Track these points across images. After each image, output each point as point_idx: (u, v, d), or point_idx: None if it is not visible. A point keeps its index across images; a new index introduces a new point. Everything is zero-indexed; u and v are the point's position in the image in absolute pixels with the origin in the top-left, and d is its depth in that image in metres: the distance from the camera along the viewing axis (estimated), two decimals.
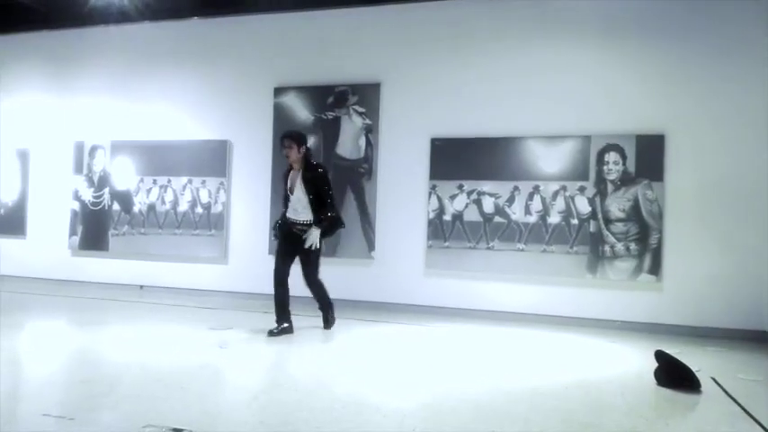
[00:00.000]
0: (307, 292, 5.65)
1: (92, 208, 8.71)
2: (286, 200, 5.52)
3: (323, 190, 5.38)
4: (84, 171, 8.79)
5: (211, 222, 8.11)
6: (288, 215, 5.46)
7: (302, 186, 5.36)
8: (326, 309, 5.75)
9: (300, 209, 5.39)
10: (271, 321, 5.46)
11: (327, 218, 5.38)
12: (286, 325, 5.38)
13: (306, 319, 6.03)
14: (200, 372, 3.99)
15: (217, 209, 8.09)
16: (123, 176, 8.58)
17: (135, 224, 8.48)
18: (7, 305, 6.68)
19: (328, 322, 5.77)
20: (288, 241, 5.44)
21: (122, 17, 8.42)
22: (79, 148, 8.84)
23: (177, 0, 8.20)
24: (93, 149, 8.77)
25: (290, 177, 5.50)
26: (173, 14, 8.40)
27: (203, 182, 8.14)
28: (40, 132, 9.15)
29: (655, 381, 4.09)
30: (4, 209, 9.28)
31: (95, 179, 8.74)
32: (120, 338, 5.19)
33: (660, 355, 4.20)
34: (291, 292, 5.47)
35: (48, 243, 8.95)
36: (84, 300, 7.36)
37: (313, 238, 5.34)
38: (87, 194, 8.76)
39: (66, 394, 3.43)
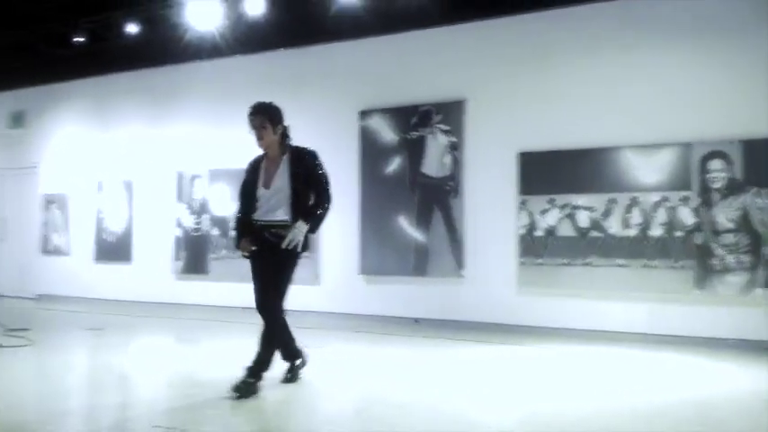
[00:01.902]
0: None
1: (193, 234, 9.15)
2: (251, 198, 4.06)
3: (317, 178, 4.07)
4: (186, 199, 9.26)
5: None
6: (256, 217, 4.01)
7: (287, 177, 4.00)
8: (256, 362, 3.86)
9: (277, 206, 3.97)
10: (361, 340, 5.47)
11: (323, 209, 4.07)
12: (298, 362, 4.15)
13: (392, 339, 6.01)
14: (300, 387, 4.04)
15: None
16: (221, 203, 8.96)
17: (232, 248, 8.79)
18: (116, 327, 7.08)
19: (239, 387, 3.68)
20: (264, 256, 3.99)
21: (215, 52, 8.86)
22: (180, 177, 9.33)
23: (265, 33, 8.54)
24: (193, 178, 9.23)
25: (263, 167, 4.09)
26: (261, 47, 8.76)
27: None
28: (143, 164, 9.74)
29: None
30: (113, 237, 9.90)
31: (196, 206, 9.17)
32: (221, 356, 5.37)
33: None
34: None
35: (152, 268, 9.45)
36: (188, 321, 7.70)
37: (297, 235, 3.88)
38: (189, 221, 9.20)
39: (174, 407, 3.57)
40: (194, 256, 9.09)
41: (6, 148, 11.14)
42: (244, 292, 8.52)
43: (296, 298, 8.16)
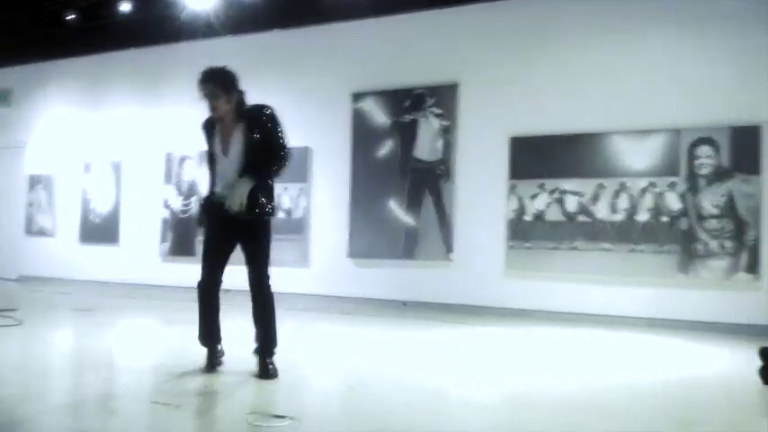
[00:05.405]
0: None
1: (180, 216, 9.11)
2: (214, 166, 3.69)
3: (275, 142, 3.60)
4: (174, 181, 9.21)
5: (293, 227, 8.30)
6: (217, 190, 3.64)
7: (241, 148, 3.57)
8: (267, 342, 3.65)
9: (233, 177, 3.55)
10: (349, 322, 5.51)
11: (271, 166, 3.61)
12: (220, 347, 3.92)
13: (380, 320, 6.05)
14: (293, 365, 4.07)
15: (298, 214, 8.28)
16: None
17: None
18: (104, 308, 7.06)
19: (266, 370, 3.56)
20: (222, 231, 3.67)
21: (208, 32, 8.77)
22: (169, 158, 9.27)
23: (258, 13, 8.48)
24: (182, 160, 9.18)
25: (218, 132, 3.67)
26: (254, 27, 8.69)
27: (285, 188, 8.34)
28: (131, 145, 9.66)
29: (760, 380, 3.86)
30: (99, 218, 9.84)
31: (184, 188, 9.13)
32: None
33: (765, 353, 3.96)
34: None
35: (139, 250, 9.41)
36: (175, 302, 7.68)
37: (239, 195, 3.46)
38: (176, 203, 9.17)
39: (171, 385, 3.58)
40: (181, 237, 9.07)
41: None
42: (234, 275, 8.62)
43: (285, 280, 8.23)
